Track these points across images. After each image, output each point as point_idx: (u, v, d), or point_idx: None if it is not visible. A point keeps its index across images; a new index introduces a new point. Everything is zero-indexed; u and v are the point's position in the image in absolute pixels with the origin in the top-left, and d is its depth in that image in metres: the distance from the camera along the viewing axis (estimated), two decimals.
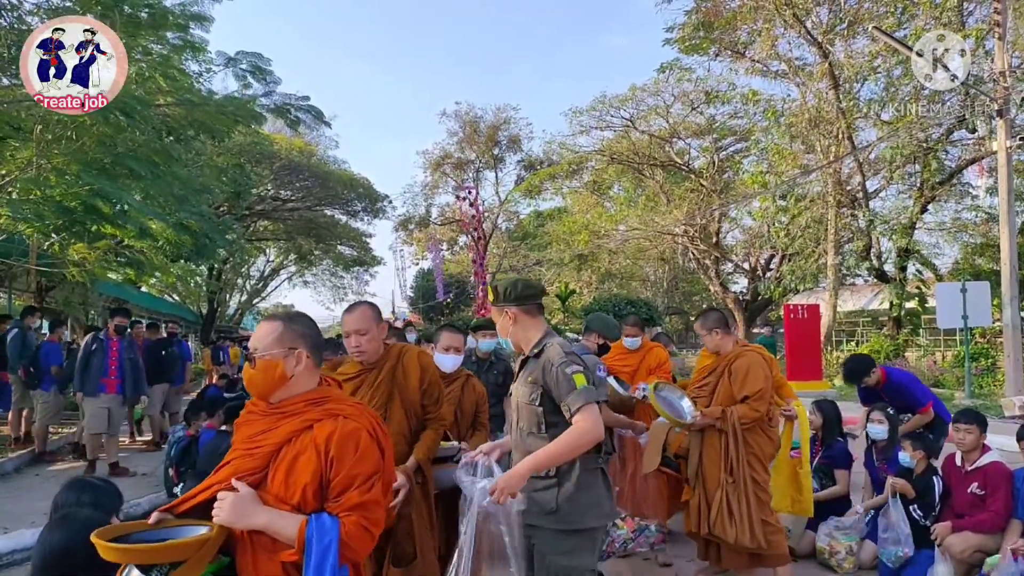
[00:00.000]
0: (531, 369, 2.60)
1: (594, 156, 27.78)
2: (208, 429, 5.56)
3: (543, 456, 2.41)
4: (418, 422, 2.95)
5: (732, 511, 3.75)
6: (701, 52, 21.30)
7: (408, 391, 2.89)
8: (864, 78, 17.71)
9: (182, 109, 8.61)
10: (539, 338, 2.65)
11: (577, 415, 2.38)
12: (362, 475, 1.71)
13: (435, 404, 2.98)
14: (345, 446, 1.71)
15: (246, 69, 9.22)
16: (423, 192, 35.65)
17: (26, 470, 7.73)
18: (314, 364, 1.87)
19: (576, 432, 2.37)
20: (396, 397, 2.88)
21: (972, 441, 4.08)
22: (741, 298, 27.08)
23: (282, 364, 1.80)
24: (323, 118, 11.39)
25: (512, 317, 2.66)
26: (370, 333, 2.80)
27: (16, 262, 9.34)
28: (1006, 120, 10.40)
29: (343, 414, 1.78)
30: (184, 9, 8.81)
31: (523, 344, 2.68)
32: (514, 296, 2.67)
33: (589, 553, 2.54)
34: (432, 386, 2.96)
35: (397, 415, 2.86)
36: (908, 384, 5.13)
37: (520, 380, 2.66)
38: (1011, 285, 10.53)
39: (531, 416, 2.57)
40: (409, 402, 2.90)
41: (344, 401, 1.87)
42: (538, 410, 2.54)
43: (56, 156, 7.59)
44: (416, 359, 2.95)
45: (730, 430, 3.82)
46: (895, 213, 18.06)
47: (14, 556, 4.73)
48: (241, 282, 34.20)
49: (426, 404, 2.95)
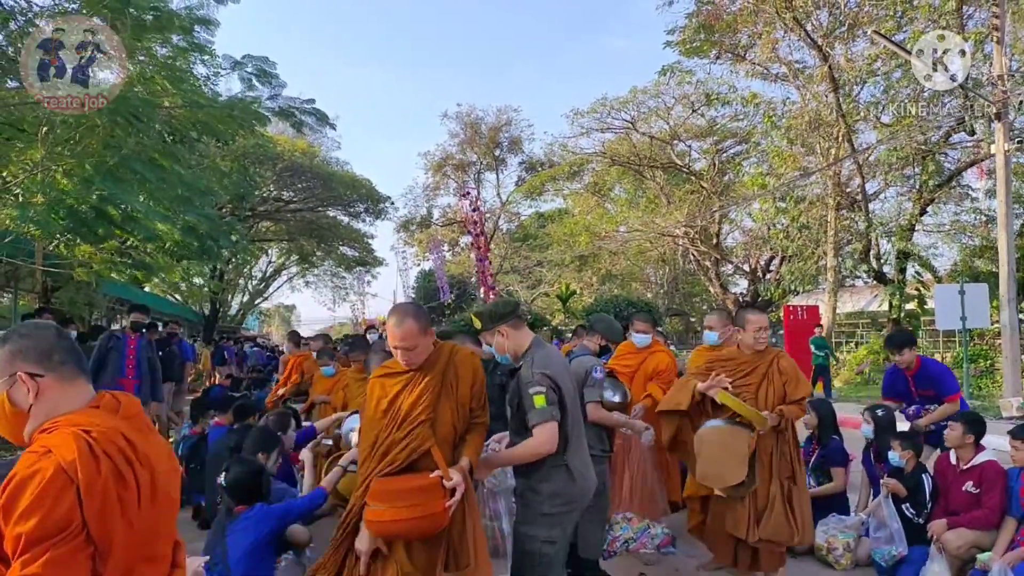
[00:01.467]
0: (516, 381, 3.03)
1: (595, 158, 27.89)
2: (217, 426, 5.65)
3: (505, 456, 3.17)
4: (464, 425, 2.83)
5: (794, 513, 3.69)
6: (702, 55, 21.38)
7: (459, 394, 2.78)
8: (864, 81, 17.80)
9: (187, 111, 8.70)
10: (527, 347, 3.05)
11: (535, 429, 2.84)
12: (27, 537, 1.25)
13: (482, 408, 2.87)
14: (15, 494, 1.29)
15: (252, 73, 9.33)
16: (424, 193, 35.82)
17: None
18: (60, 378, 1.46)
19: (530, 444, 2.87)
20: (446, 399, 2.76)
21: (955, 438, 4.19)
22: (741, 299, 27.16)
23: (5, 398, 1.44)
24: (328, 121, 11.51)
25: (504, 334, 3.06)
26: (418, 348, 2.71)
27: (23, 263, 9.43)
28: (1004, 124, 10.48)
29: (50, 447, 1.33)
30: (190, 12, 8.90)
31: (517, 354, 3.08)
32: (498, 317, 3.08)
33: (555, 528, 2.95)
34: (482, 389, 2.87)
35: (445, 416, 2.75)
36: (942, 373, 5.10)
37: (512, 388, 3.07)
38: (1009, 287, 10.61)
39: (515, 420, 3.03)
40: (459, 405, 2.78)
41: (77, 424, 1.38)
42: (517, 416, 3.00)
43: (64, 159, 7.68)
44: (469, 361, 2.84)
45: (789, 431, 3.77)
46: (894, 215, 18.15)
47: None
48: (243, 283, 34.31)
49: (474, 408, 2.84)
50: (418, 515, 2.51)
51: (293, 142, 24.70)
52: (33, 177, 7.63)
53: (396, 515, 2.51)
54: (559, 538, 2.97)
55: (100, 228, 8.62)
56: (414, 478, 2.60)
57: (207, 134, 9.77)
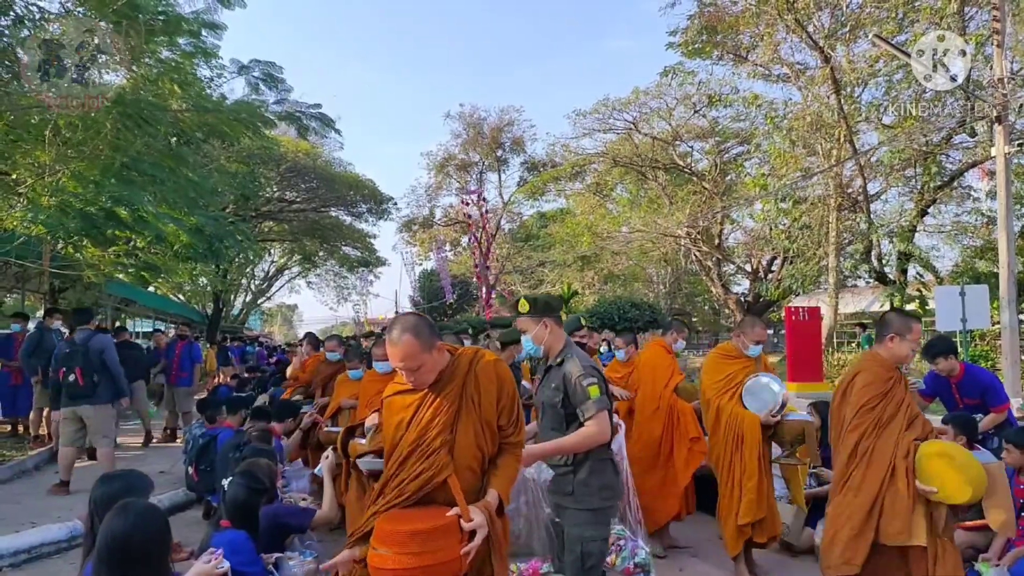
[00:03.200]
0: (554, 377, 3.04)
1: (597, 158, 27.96)
2: (226, 428, 5.74)
3: (555, 446, 2.96)
4: (493, 446, 2.42)
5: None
6: (704, 56, 21.44)
7: (483, 409, 2.37)
8: (865, 82, 17.85)
9: (194, 114, 8.79)
10: (561, 348, 3.09)
11: (592, 419, 2.87)
12: None
13: (513, 425, 2.45)
14: None
15: (259, 77, 9.41)
16: (427, 193, 35.94)
17: (46, 467, 7.93)
18: None
19: (585, 433, 2.89)
20: (467, 416, 2.36)
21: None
22: (743, 300, 27.25)
23: None
24: (333, 126, 11.61)
25: (548, 327, 3.08)
26: (423, 367, 2.33)
27: (31, 264, 9.52)
28: (1004, 126, 10.54)
29: None
30: (197, 16, 8.99)
31: (550, 352, 3.11)
32: (551, 309, 3.12)
33: (603, 525, 2.97)
34: (511, 402, 2.43)
35: (467, 438, 2.35)
36: (988, 382, 5.02)
37: (545, 385, 3.09)
38: (1009, 288, 10.68)
39: (554, 416, 3.02)
40: (484, 423, 2.38)
41: None
42: (560, 411, 2.99)
43: (74, 161, 7.76)
44: (492, 369, 2.41)
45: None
46: (896, 216, 18.20)
47: (43, 549, 4.91)
48: (246, 282, 34.41)
49: (503, 425, 2.42)
50: (428, 563, 2.09)
51: (296, 143, 24.79)
52: (41, 179, 7.72)
53: (401, 562, 2.09)
54: (608, 534, 3.04)
55: (109, 229, 8.71)
56: (426, 516, 2.21)
57: (213, 136, 9.86)
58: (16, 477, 7.43)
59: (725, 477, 4.31)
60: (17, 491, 6.85)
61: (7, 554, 4.71)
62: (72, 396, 6.65)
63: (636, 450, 5.00)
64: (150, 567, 2.13)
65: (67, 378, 6.61)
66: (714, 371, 4.54)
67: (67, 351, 6.71)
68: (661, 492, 4.97)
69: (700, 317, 40.95)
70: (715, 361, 4.63)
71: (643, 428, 5.10)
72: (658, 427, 5.03)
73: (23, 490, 6.93)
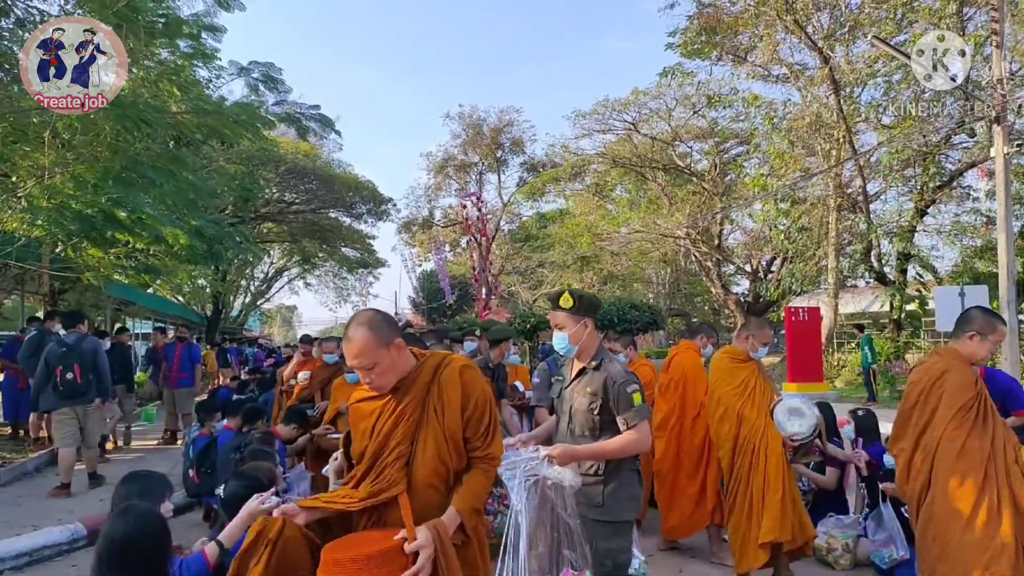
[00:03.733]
0: (589, 380, 2.91)
1: (596, 159, 27.97)
2: (226, 430, 5.74)
3: (597, 449, 2.82)
4: (460, 461, 2.19)
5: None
6: (703, 56, 21.45)
7: (446, 420, 2.15)
8: (864, 83, 17.87)
9: (194, 116, 8.80)
10: (596, 350, 2.97)
11: (635, 427, 2.79)
12: None
13: (483, 437, 2.19)
14: None
15: (258, 79, 9.42)
16: (426, 194, 35.93)
17: (46, 470, 7.93)
18: None
19: (628, 439, 2.79)
20: (429, 427, 2.15)
21: None
22: (743, 300, 27.27)
23: None
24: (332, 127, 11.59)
25: (588, 327, 2.94)
26: (378, 366, 2.11)
27: (31, 266, 9.53)
28: (1004, 127, 10.55)
29: None
30: (197, 19, 9.00)
31: (585, 353, 2.97)
32: (594, 309, 3.01)
33: (627, 537, 2.90)
34: (479, 412, 2.18)
35: (430, 452, 2.13)
36: (1009, 385, 4.93)
37: (577, 388, 2.94)
38: (1008, 289, 10.68)
39: (586, 421, 2.89)
40: (448, 435, 2.15)
41: None
42: (595, 418, 2.87)
43: (73, 163, 7.77)
44: (457, 377, 2.18)
45: None
46: (895, 216, 18.22)
47: (44, 552, 4.91)
48: (245, 284, 34.41)
49: (469, 437, 2.18)
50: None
51: (296, 144, 24.80)
52: (40, 181, 7.72)
53: None
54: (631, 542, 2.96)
55: (107, 231, 8.72)
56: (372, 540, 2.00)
57: (213, 138, 9.86)
58: (16, 479, 7.43)
59: (742, 489, 4.13)
60: (18, 493, 6.86)
61: (8, 557, 4.71)
62: (71, 395, 6.71)
63: (678, 457, 4.93)
64: (150, 570, 2.14)
65: (65, 376, 6.69)
66: (729, 376, 4.38)
67: (63, 351, 6.79)
68: (700, 500, 4.87)
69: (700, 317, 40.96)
70: (727, 365, 4.43)
71: (685, 435, 4.97)
72: (700, 434, 4.91)
73: (23, 492, 6.93)
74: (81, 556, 4.95)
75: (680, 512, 4.90)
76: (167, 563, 2.19)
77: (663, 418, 5.05)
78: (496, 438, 2.24)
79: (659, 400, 5.16)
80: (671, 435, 5.00)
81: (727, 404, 4.30)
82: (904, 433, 3.19)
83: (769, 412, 4.11)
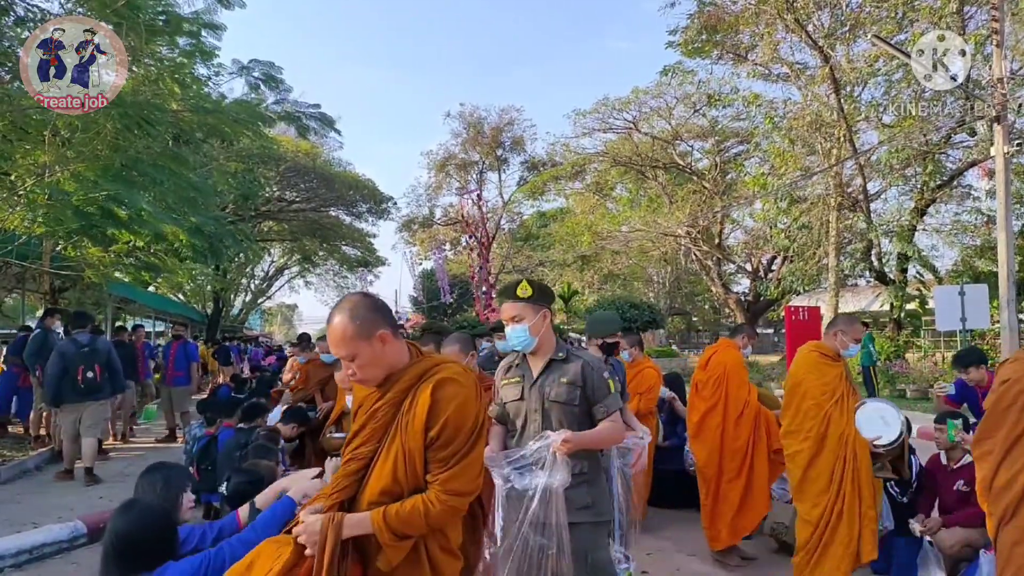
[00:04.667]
0: (565, 371, 2.74)
1: (597, 158, 27.98)
2: (226, 428, 5.76)
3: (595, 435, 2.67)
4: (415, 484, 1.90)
5: None
6: (704, 55, 21.43)
7: (409, 435, 1.88)
8: (865, 82, 17.86)
9: (194, 114, 8.81)
10: (555, 343, 2.83)
11: (612, 416, 2.69)
12: None
13: (441, 464, 1.88)
14: None
15: (259, 78, 9.43)
16: (427, 193, 35.95)
17: (47, 468, 7.95)
18: None
19: (615, 427, 2.69)
20: (396, 438, 1.90)
21: (944, 440, 4.29)
22: (743, 299, 27.28)
23: None
24: (333, 125, 11.61)
25: (547, 318, 2.79)
26: (360, 357, 1.92)
27: (32, 264, 9.54)
28: (1004, 126, 10.54)
29: None
30: (197, 17, 9.01)
31: (546, 345, 2.80)
32: (551, 298, 2.86)
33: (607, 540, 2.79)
34: (447, 436, 1.87)
35: (386, 464, 1.89)
36: None
37: (550, 381, 2.74)
38: (1008, 288, 10.68)
39: (565, 414, 2.71)
40: (407, 452, 1.88)
41: None
42: (575, 409, 2.71)
43: (73, 161, 7.79)
44: (430, 391, 1.89)
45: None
46: (895, 216, 18.21)
47: (44, 549, 4.92)
48: (246, 282, 34.44)
49: (429, 459, 1.89)
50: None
51: (296, 143, 24.82)
52: (40, 180, 7.74)
53: None
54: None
55: (107, 229, 8.74)
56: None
57: (213, 136, 9.88)
58: (17, 477, 7.45)
59: (831, 501, 3.72)
60: (18, 491, 6.88)
61: (9, 554, 4.72)
62: (89, 392, 7.14)
63: (720, 459, 4.74)
64: (154, 561, 2.16)
65: (86, 375, 7.10)
66: (817, 372, 3.95)
67: (83, 350, 7.18)
68: (743, 505, 4.66)
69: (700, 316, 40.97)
70: (816, 361, 3.99)
71: (728, 435, 4.74)
72: (744, 434, 4.72)
73: (24, 490, 6.95)
74: (81, 554, 4.96)
75: (722, 518, 4.69)
76: (174, 556, 2.21)
77: (701, 417, 4.85)
78: (465, 473, 1.89)
79: (695, 399, 4.96)
80: (712, 435, 4.78)
81: (816, 399, 3.86)
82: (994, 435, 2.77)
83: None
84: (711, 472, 4.76)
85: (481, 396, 2.00)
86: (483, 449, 2.03)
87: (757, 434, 4.75)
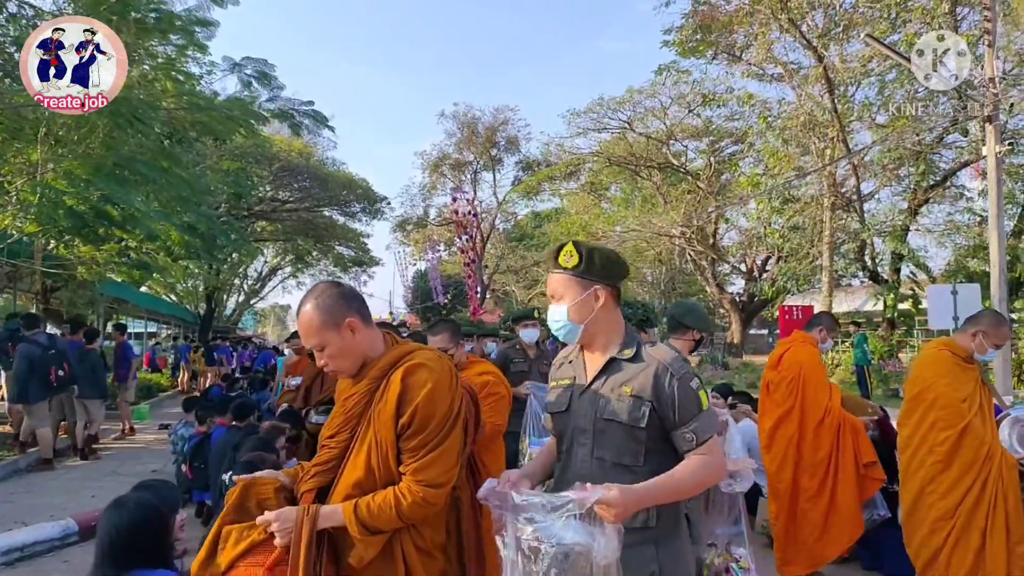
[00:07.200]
0: (627, 376, 1.89)
1: (591, 158, 28.01)
2: (219, 426, 5.75)
3: (663, 486, 1.74)
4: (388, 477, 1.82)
5: None
6: (698, 55, 21.51)
7: (380, 423, 1.82)
8: (858, 82, 17.95)
9: (187, 112, 8.78)
10: (622, 336, 1.96)
11: (702, 447, 1.80)
12: None
13: (413, 453, 1.79)
14: None
15: (251, 75, 9.39)
16: (421, 193, 35.90)
17: (37, 468, 7.90)
18: None
19: (705, 466, 1.79)
20: (370, 428, 1.84)
21: None
22: (738, 299, 27.34)
23: None
24: (326, 123, 11.56)
25: (601, 300, 1.93)
26: (329, 347, 1.87)
27: (23, 263, 9.49)
28: (995, 126, 10.59)
29: None
30: (189, 14, 8.98)
31: (603, 336, 1.96)
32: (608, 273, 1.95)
33: None
34: (419, 423, 1.78)
35: (360, 456, 1.84)
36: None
37: (606, 389, 1.91)
38: (1000, 287, 10.73)
39: (627, 440, 1.86)
40: (378, 443, 1.82)
41: None
42: (641, 434, 1.85)
43: (65, 160, 7.75)
44: (400, 375, 1.82)
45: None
46: (888, 216, 18.30)
47: (35, 548, 4.89)
48: (239, 282, 34.31)
49: (402, 448, 1.81)
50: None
51: (290, 142, 24.75)
52: (31, 178, 7.70)
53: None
54: None
55: (100, 228, 8.70)
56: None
57: (206, 134, 9.84)
58: (8, 477, 7.41)
59: (962, 523, 3.26)
60: (10, 491, 6.83)
61: (0, 553, 4.69)
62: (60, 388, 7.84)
63: (796, 474, 4.13)
64: (150, 558, 2.14)
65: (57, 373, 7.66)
66: (950, 375, 3.43)
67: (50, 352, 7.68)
68: (827, 526, 4.03)
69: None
70: (950, 363, 3.47)
71: (806, 446, 4.09)
72: (826, 445, 4.06)
73: (15, 489, 6.91)
74: (73, 552, 4.93)
75: (799, 542, 4.09)
76: (167, 550, 2.19)
77: (773, 425, 4.20)
78: (438, 462, 1.79)
79: (766, 402, 4.30)
80: (787, 446, 4.14)
81: (951, 407, 3.35)
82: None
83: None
84: (783, 487, 4.13)
85: (458, 384, 1.90)
86: (459, 438, 1.86)
87: (842, 443, 4.08)
